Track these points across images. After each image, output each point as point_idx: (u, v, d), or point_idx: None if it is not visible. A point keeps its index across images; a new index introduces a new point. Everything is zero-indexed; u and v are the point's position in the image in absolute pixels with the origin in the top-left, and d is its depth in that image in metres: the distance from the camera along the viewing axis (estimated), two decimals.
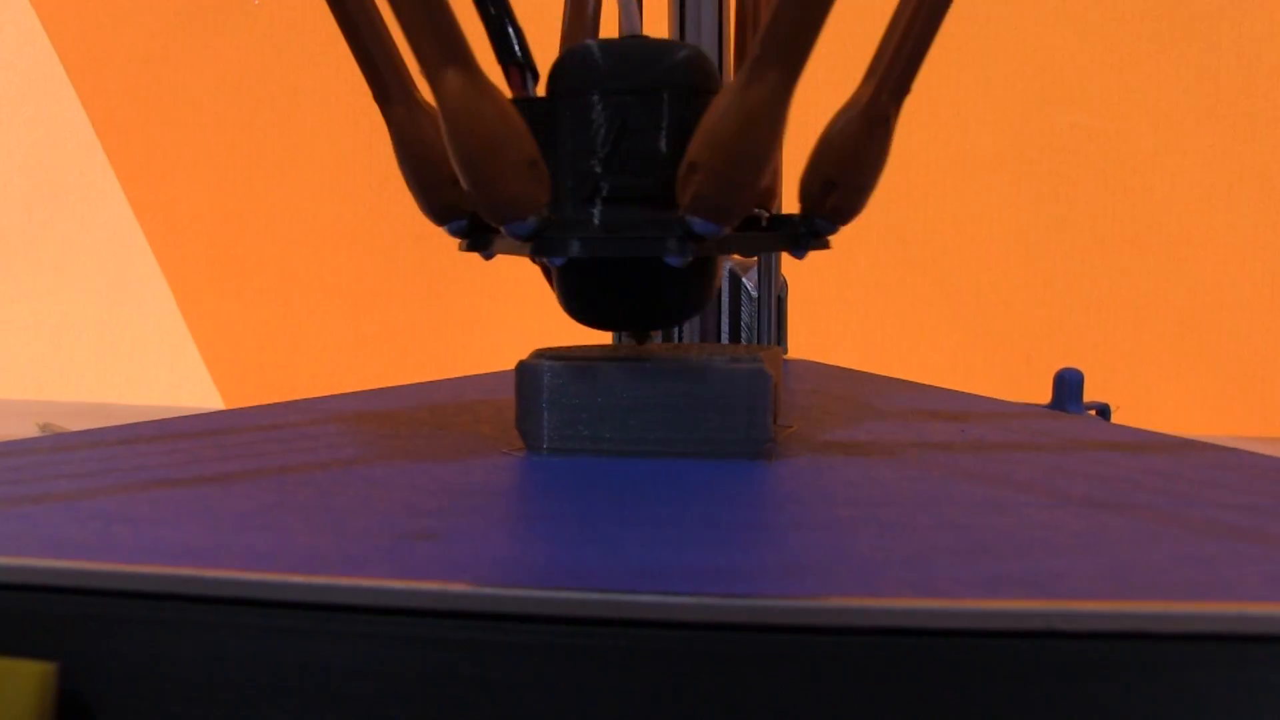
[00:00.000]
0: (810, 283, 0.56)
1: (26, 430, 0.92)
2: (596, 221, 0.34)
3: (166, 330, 1.34)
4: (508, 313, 1.13)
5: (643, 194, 0.34)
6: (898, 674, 0.21)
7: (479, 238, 0.36)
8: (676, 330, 0.59)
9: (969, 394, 0.48)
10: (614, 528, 0.26)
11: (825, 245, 0.36)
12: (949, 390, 0.49)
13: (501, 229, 0.33)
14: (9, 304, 1.36)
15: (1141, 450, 0.37)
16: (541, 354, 0.35)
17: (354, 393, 0.50)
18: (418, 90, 0.36)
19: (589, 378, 0.34)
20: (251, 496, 0.29)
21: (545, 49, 0.38)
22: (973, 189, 0.83)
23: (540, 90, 0.36)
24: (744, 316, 0.64)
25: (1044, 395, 0.60)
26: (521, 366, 0.35)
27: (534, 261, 0.35)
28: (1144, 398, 0.83)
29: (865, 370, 0.55)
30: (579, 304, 0.36)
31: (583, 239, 0.34)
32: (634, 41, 0.36)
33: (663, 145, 0.34)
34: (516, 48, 0.37)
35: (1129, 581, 0.24)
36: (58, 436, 0.38)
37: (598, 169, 0.35)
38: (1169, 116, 0.89)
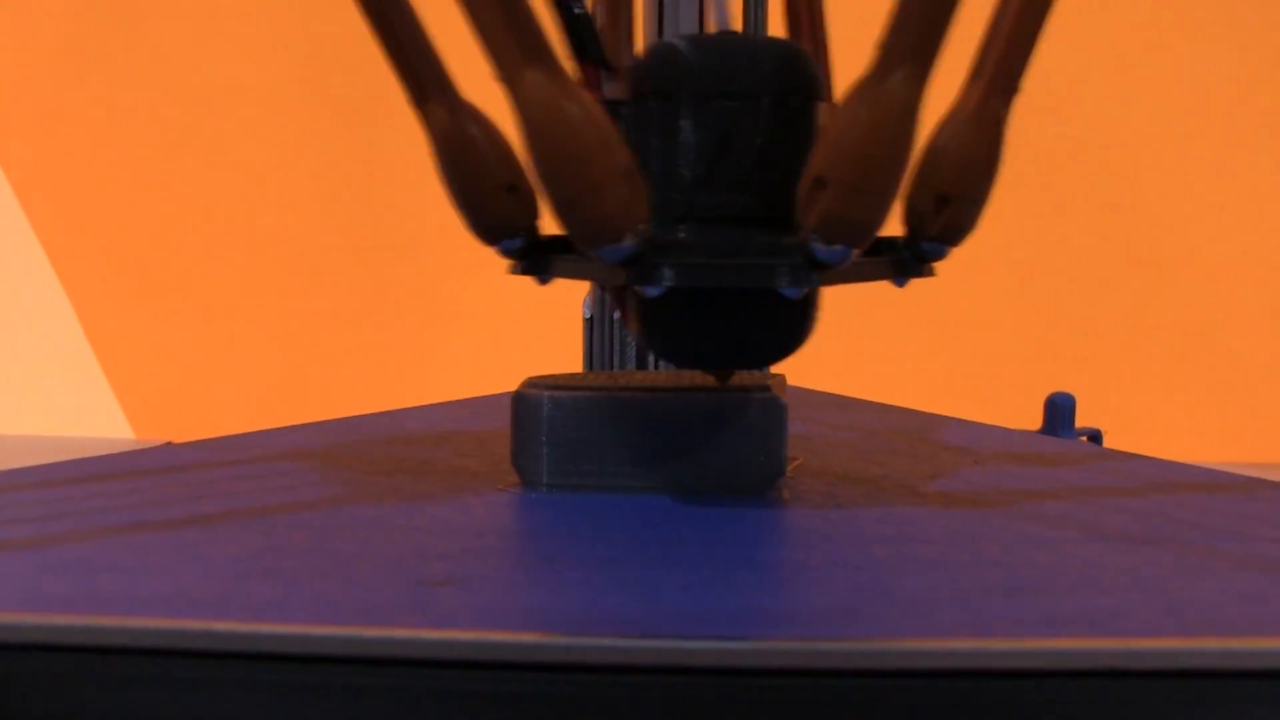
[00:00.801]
0: None
1: None
2: (686, 231, 0.31)
3: (68, 352, 1.24)
4: (453, 337, 1.07)
5: (742, 213, 0.31)
6: (959, 716, 0.20)
7: (536, 260, 0.32)
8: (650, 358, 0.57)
9: (966, 421, 0.47)
10: (646, 570, 0.24)
11: (932, 272, 0.33)
12: (946, 417, 0.48)
13: (591, 253, 0.29)
14: None
15: (1163, 483, 0.36)
16: (538, 384, 0.33)
17: (315, 423, 0.48)
18: (458, 88, 0.32)
19: (593, 410, 0.32)
20: (240, 540, 0.27)
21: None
22: None
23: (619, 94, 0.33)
24: None
25: (1034, 418, 0.59)
26: (518, 398, 0.33)
27: (604, 288, 0.33)
28: (1137, 421, 0.82)
29: (851, 395, 0.54)
30: (671, 338, 0.32)
31: (687, 265, 0.30)
32: (728, 38, 0.33)
33: (766, 157, 0.31)
34: (594, 44, 0.34)
35: (1184, 619, 0.22)
36: (20, 472, 0.36)
37: (691, 184, 0.31)
38: (1163, 129, 0.88)
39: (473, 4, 0.29)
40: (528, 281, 0.32)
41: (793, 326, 0.31)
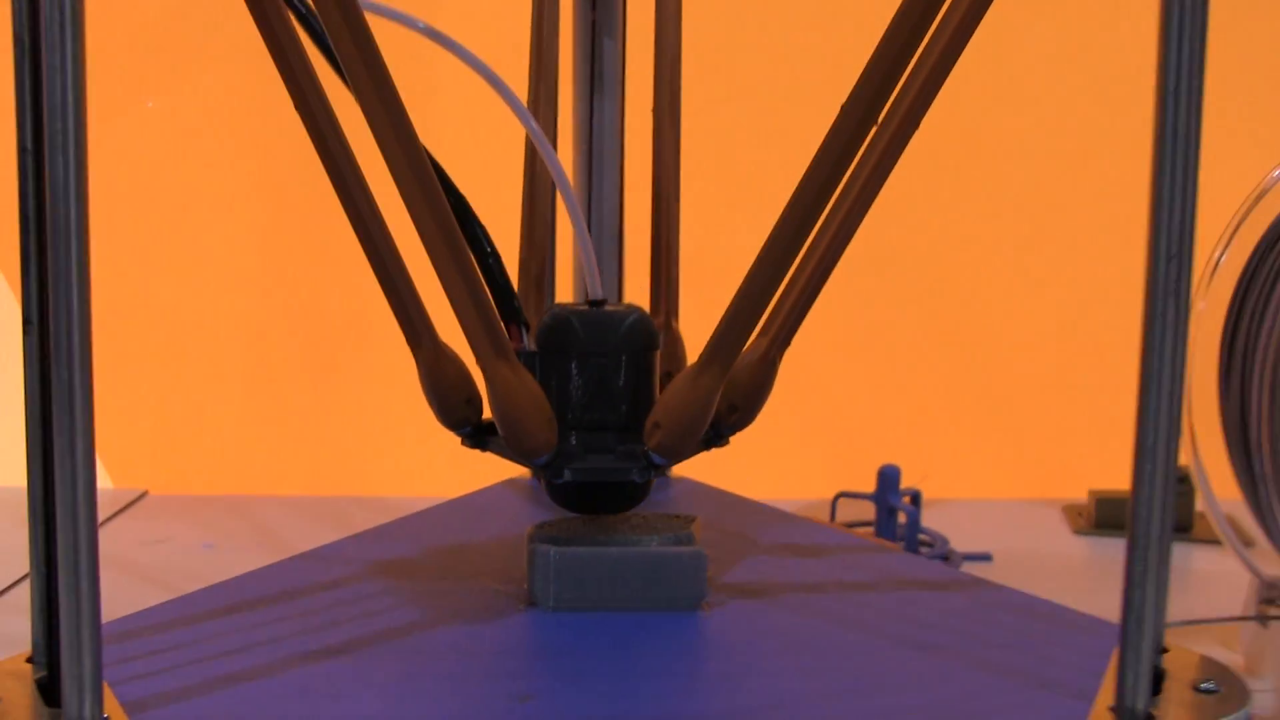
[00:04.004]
0: None
1: None
2: (574, 443, 0.51)
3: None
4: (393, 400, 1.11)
5: (609, 424, 0.51)
6: None
7: (479, 440, 0.52)
8: None
9: (817, 524, 0.65)
10: (650, 683, 0.42)
11: (726, 444, 0.53)
12: (803, 520, 0.66)
13: (521, 459, 0.50)
14: None
15: (944, 588, 0.54)
16: (543, 536, 0.51)
17: (352, 537, 0.62)
18: (438, 335, 0.51)
19: (585, 558, 0.50)
20: (382, 668, 0.43)
21: None
22: None
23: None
24: None
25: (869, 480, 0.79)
26: (532, 550, 0.50)
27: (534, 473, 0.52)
28: (952, 469, 0.99)
29: (720, 486, 0.71)
30: (570, 501, 0.53)
31: (577, 468, 0.50)
32: (598, 313, 0.52)
33: (621, 393, 0.51)
34: (518, 308, 0.52)
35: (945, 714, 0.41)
36: (153, 611, 0.50)
37: (578, 406, 0.51)
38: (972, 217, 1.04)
39: (459, 311, 0.47)
40: None
41: (640, 494, 0.53)
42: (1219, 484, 0.62)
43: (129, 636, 0.45)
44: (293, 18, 0.51)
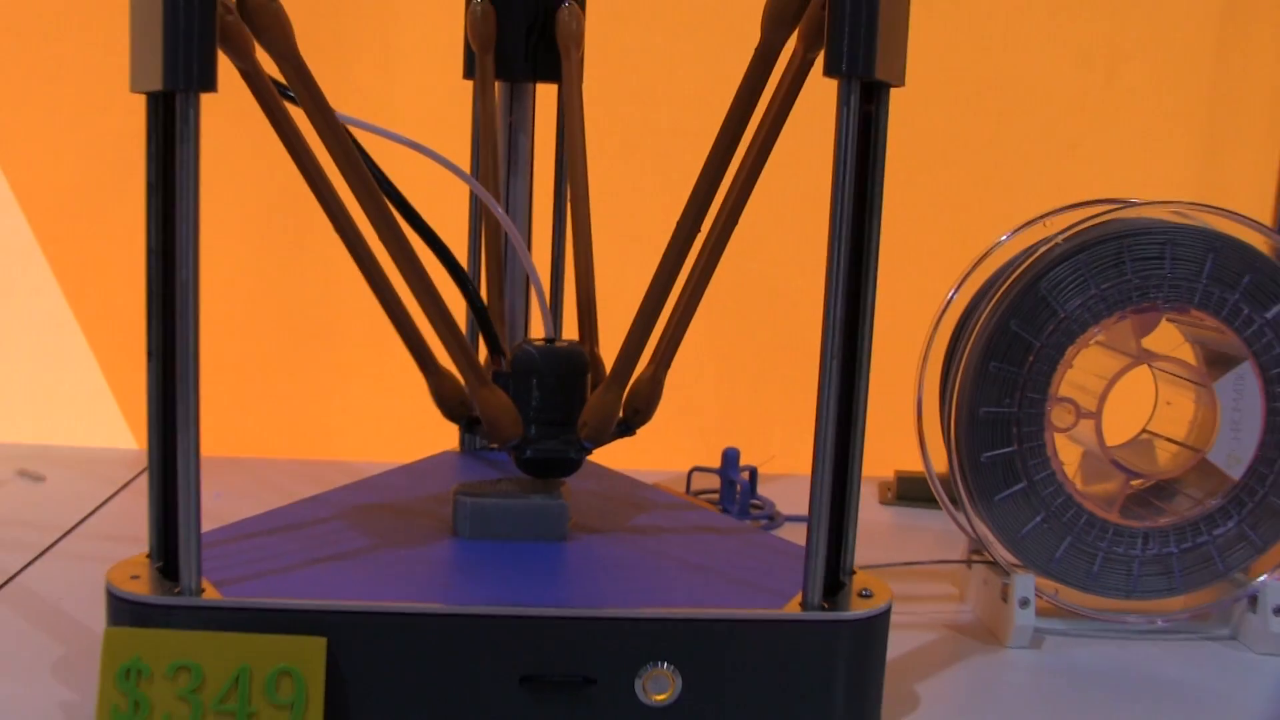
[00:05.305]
0: None
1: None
2: (533, 433, 0.77)
3: (71, 362, 1.32)
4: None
5: (556, 420, 0.77)
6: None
7: (471, 428, 0.77)
8: None
9: (656, 489, 0.92)
10: (527, 581, 0.69)
11: (634, 434, 0.78)
12: (649, 486, 0.93)
13: (496, 444, 0.76)
14: None
15: (725, 534, 0.81)
16: (463, 490, 0.77)
17: (338, 489, 0.88)
18: (439, 362, 0.75)
19: (488, 506, 0.76)
20: (358, 566, 0.70)
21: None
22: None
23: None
24: None
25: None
26: (455, 501, 0.77)
27: (509, 452, 0.77)
28: (791, 451, 1.16)
29: (617, 463, 0.97)
30: (529, 470, 0.78)
31: (536, 449, 0.76)
32: (553, 349, 0.78)
33: (564, 400, 0.77)
34: (501, 348, 0.78)
35: (697, 600, 0.68)
36: (261, 518, 0.77)
37: (536, 409, 0.77)
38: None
39: (449, 348, 0.72)
40: None
41: (575, 466, 0.78)
42: (939, 465, 0.88)
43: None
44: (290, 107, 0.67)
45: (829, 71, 0.63)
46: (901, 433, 0.91)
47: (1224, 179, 1.32)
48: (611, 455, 0.93)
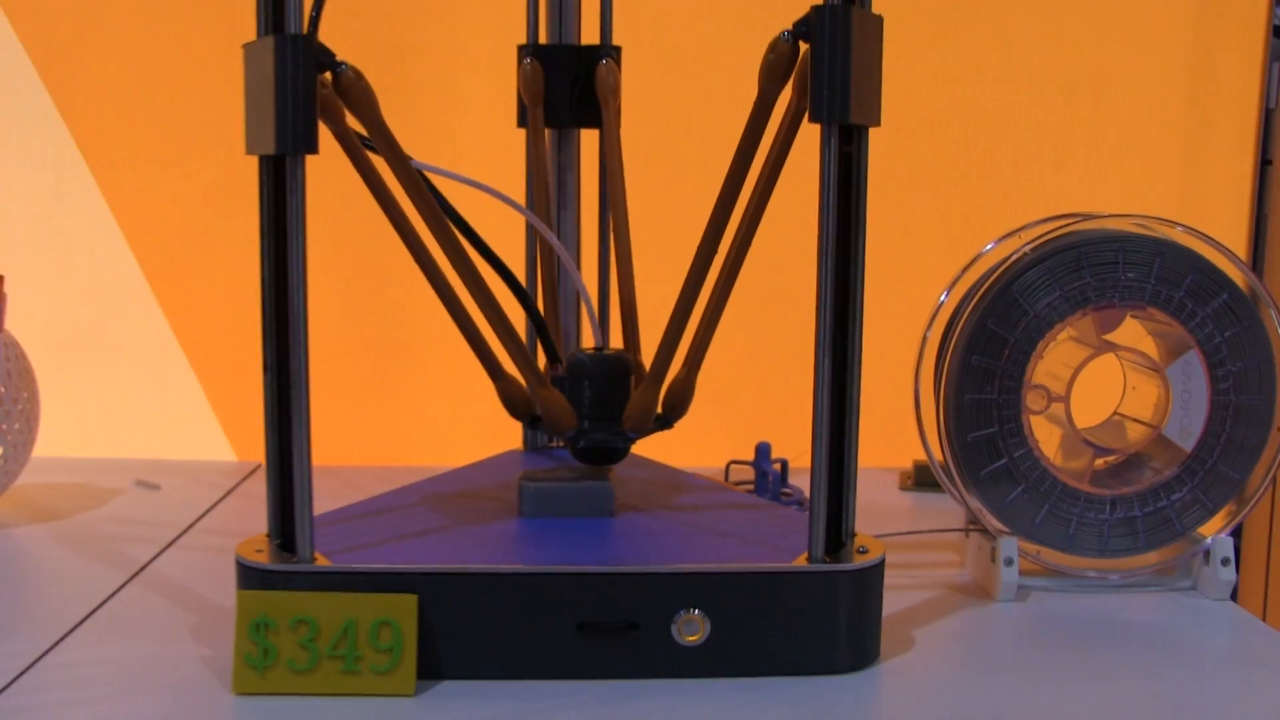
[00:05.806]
0: None
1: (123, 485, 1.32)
2: (586, 426, 0.90)
3: (170, 377, 1.43)
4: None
5: (605, 415, 0.90)
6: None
7: (534, 424, 0.91)
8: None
9: (694, 475, 1.06)
10: (582, 548, 0.83)
11: (671, 427, 0.91)
12: (687, 473, 1.06)
13: (555, 436, 0.91)
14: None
15: (753, 509, 0.95)
16: (526, 477, 0.91)
17: (419, 482, 1.03)
18: (505, 369, 0.89)
19: (547, 489, 0.90)
20: (443, 540, 0.84)
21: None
22: None
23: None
24: None
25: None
26: (520, 486, 0.91)
27: (565, 444, 0.91)
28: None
29: (659, 455, 1.11)
30: (583, 458, 0.91)
31: (588, 440, 0.89)
32: (602, 355, 0.91)
33: (612, 398, 0.90)
34: (559, 355, 0.92)
35: (723, 558, 0.82)
36: (357, 505, 0.92)
37: (588, 406, 0.90)
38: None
39: (512, 354, 0.86)
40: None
41: (622, 455, 0.91)
42: (938, 449, 1.01)
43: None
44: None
45: (812, 118, 0.76)
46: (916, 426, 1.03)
47: (1200, 193, 1.45)
48: (657, 452, 1.08)
